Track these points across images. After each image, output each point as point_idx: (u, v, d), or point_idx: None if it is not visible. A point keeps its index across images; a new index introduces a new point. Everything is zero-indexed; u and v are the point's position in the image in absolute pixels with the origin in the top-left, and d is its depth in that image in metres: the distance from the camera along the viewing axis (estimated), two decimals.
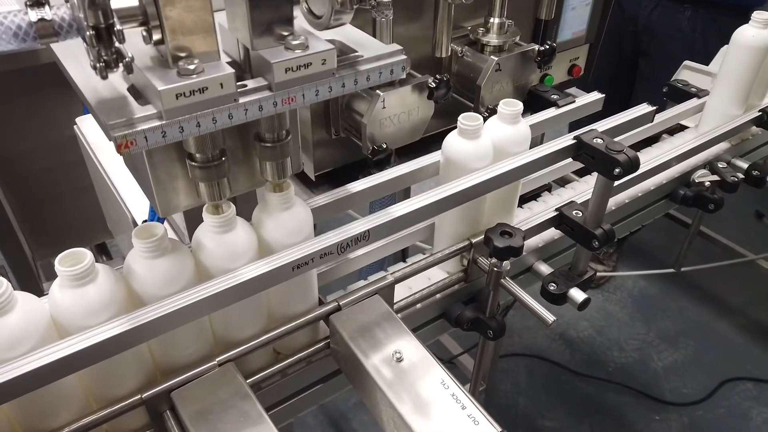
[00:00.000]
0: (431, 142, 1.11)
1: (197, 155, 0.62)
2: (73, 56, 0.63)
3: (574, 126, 1.02)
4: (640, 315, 2.70)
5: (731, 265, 2.37)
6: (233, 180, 0.70)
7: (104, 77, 0.48)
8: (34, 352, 0.58)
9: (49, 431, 0.65)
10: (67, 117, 1.59)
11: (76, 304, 0.61)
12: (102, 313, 0.62)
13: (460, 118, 0.84)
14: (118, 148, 0.51)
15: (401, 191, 1.45)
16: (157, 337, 0.67)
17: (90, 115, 1.32)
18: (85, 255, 0.60)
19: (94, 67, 0.48)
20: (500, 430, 0.69)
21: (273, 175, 0.69)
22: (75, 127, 1.29)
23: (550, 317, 0.86)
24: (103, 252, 1.96)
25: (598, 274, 2.82)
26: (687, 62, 1.61)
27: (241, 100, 0.57)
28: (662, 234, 3.02)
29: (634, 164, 0.87)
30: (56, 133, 1.60)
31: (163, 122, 0.53)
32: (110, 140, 0.52)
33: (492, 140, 0.87)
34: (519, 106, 0.88)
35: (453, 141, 0.86)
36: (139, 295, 0.66)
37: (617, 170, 0.87)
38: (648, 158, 1.08)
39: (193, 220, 0.78)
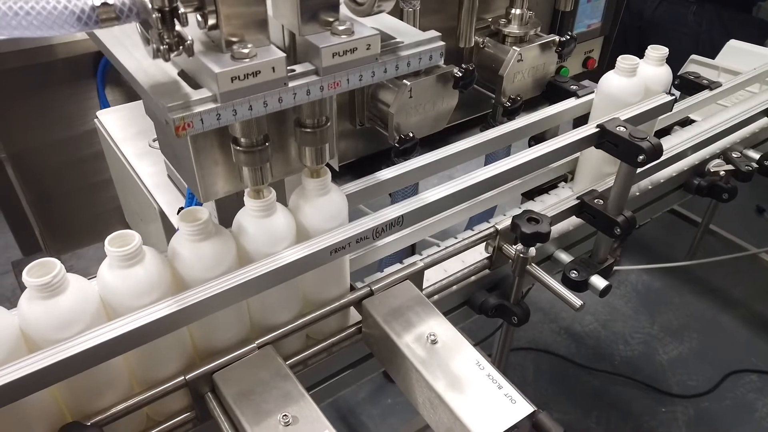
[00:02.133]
0: (452, 133, 1.13)
1: (242, 140, 0.64)
2: (120, 43, 0.64)
3: (577, 123, 1.05)
4: (644, 309, 2.72)
5: (734, 259, 2.39)
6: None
7: (167, 59, 0.50)
8: (86, 332, 0.60)
9: (94, 412, 0.66)
10: (80, 113, 1.61)
11: (125, 285, 0.62)
12: (150, 294, 0.63)
13: (619, 58, 0.99)
14: (176, 131, 0.52)
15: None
16: (198, 321, 0.69)
17: (110, 108, 1.33)
18: (134, 236, 0.62)
19: (157, 50, 0.49)
20: (535, 409, 0.70)
21: (312, 160, 0.70)
22: (95, 120, 1.30)
23: (577, 301, 0.88)
24: None
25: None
26: (694, 56, 1.63)
27: (290, 84, 0.58)
28: (664, 230, 3.04)
29: (658, 151, 0.89)
30: (70, 129, 1.61)
31: (218, 105, 0.54)
32: (167, 123, 0.53)
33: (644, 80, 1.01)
34: (665, 50, 1.06)
35: (611, 78, 1.00)
36: (183, 278, 0.67)
37: (641, 157, 0.89)
38: (665, 147, 1.10)
39: (225, 208, 0.79)
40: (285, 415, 0.66)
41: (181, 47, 0.50)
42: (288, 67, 0.59)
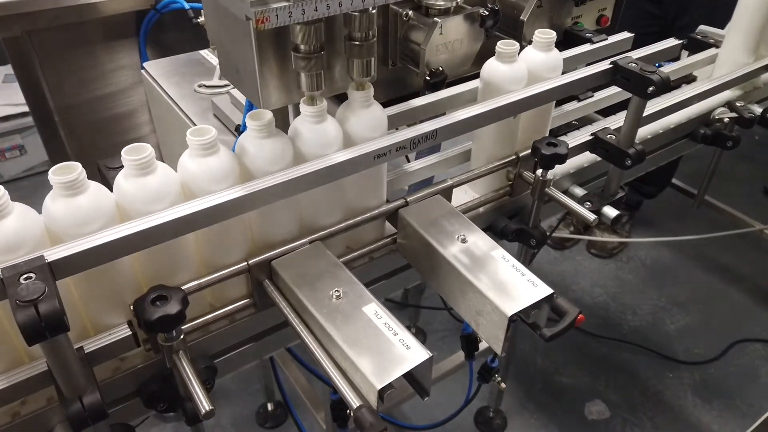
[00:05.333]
0: (473, 78, 1.22)
1: (302, 46, 0.73)
2: None
3: None
4: (652, 282, 2.80)
5: (740, 236, 2.46)
6: None
7: None
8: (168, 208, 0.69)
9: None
10: (117, 71, 1.71)
11: (203, 171, 0.72)
12: (226, 180, 0.73)
13: None
14: (257, 23, 0.62)
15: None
16: (258, 217, 0.79)
17: (155, 60, 1.43)
18: (211, 130, 0.71)
19: None
20: (554, 291, 0.79)
21: (359, 72, 0.79)
22: (142, 71, 1.40)
23: (591, 216, 0.97)
24: None
25: (617, 240, 2.92)
26: (702, 27, 1.71)
27: None
28: (671, 207, 3.12)
29: (666, 83, 0.98)
30: (108, 87, 1.72)
31: (290, 3, 0.64)
32: (249, 18, 0.63)
33: None
34: None
35: None
36: (249, 170, 0.77)
37: (651, 89, 0.97)
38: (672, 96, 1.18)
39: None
40: (336, 290, 0.75)
41: None
42: None
